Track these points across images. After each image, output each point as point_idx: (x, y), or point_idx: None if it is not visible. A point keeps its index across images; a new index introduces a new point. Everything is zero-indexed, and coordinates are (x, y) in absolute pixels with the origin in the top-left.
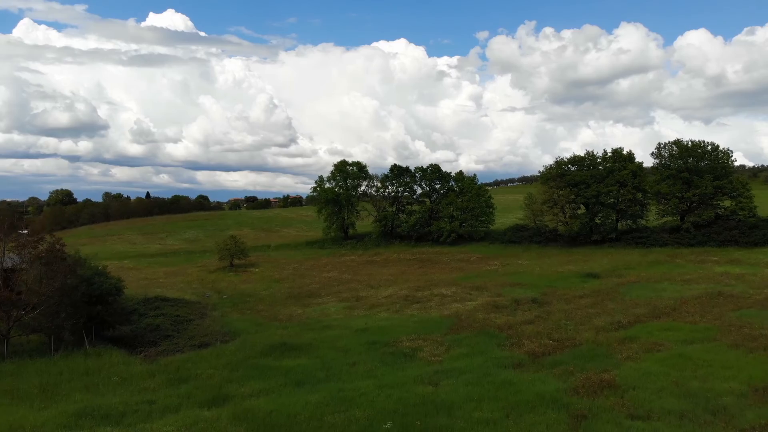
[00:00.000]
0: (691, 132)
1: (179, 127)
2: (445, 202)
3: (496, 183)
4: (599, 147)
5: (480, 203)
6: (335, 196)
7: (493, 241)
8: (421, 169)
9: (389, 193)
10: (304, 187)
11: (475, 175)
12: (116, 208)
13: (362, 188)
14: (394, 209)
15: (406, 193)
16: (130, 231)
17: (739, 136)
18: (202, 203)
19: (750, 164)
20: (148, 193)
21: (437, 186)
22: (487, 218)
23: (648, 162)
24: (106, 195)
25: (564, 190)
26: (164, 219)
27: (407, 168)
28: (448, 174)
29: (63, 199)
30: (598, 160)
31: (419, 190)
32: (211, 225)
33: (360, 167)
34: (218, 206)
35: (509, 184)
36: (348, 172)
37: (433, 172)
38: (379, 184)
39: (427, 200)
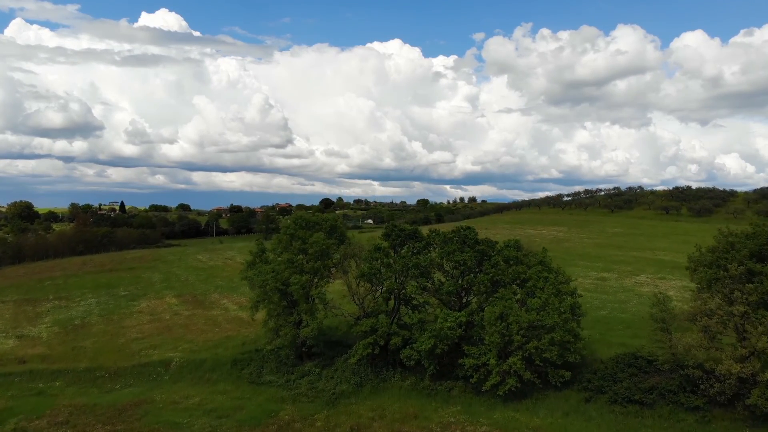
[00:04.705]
0: (688, 133)
1: (174, 128)
2: (490, 311)
3: (517, 205)
4: (595, 149)
5: (562, 309)
6: (281, 284)
7: (590, 393)
8: (440, 236)
9: (381, 278)
10: (300, 188)
11: (544, 248)
12: (30, 246)
13: (335, 259)
14: (392, 307)
15: (414, 281)
16: (13, 293)
17: (735, 137)
18: (145, 234)
19: None
20: (122, 204)
21: (471, 268)
22: (573, 344)
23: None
24: (73, 206)
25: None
26: (79, 264)
27: (415, 231)
28: (491, 245)
29: (21, 212)
30: None
31: (436, 261)
32: (129, 282)
33: (331, 227)
34: (197, 221)
35: (531, 207)
36: (308, 239)
37: (463, 242)
38: (366, 266)
39: (453, 292)
